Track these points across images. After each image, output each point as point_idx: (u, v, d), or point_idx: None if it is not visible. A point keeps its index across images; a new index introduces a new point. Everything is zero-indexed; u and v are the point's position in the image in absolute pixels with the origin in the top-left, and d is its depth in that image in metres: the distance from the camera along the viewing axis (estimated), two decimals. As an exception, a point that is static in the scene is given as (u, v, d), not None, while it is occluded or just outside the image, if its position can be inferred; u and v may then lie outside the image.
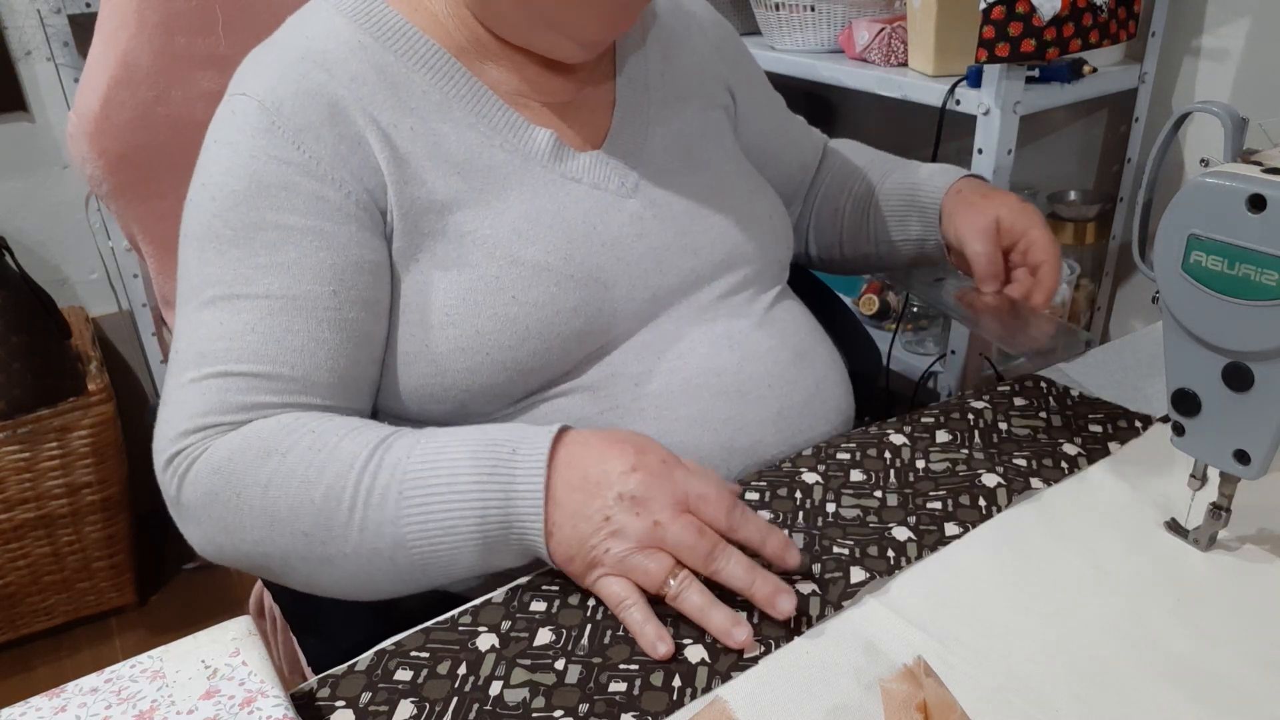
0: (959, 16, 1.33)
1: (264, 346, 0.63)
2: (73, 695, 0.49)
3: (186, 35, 0.81)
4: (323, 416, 0.63)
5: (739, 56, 0.91)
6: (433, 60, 0.70)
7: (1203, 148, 1.41)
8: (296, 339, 0.63)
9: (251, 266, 0.64)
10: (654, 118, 0.79)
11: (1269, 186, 0.49)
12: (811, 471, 0.70)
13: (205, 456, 0.61)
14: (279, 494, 0.59)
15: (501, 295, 0.67)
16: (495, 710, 0.51)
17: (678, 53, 0.83)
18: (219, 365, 0.62)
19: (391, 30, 0.70)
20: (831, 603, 0.57)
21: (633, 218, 0.74)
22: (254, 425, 0.61)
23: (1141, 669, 0.52)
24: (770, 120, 0.93)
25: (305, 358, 0.63)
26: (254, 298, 0.63)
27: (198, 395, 0.62)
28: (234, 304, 0.63)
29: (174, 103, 0.82)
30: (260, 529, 0.60)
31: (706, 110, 0.84)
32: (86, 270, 1.81)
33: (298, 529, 0.59)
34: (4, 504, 1.52)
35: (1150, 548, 0.61)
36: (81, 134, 0.81)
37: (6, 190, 1.71)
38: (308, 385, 0.64)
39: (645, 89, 0.80)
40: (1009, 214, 0.80)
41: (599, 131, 0.76)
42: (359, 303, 0.66)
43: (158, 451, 0.63)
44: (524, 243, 0.69)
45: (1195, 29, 1.43)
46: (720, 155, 0.83)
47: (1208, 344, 0.55)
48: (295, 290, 0.64)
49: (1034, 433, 0.73)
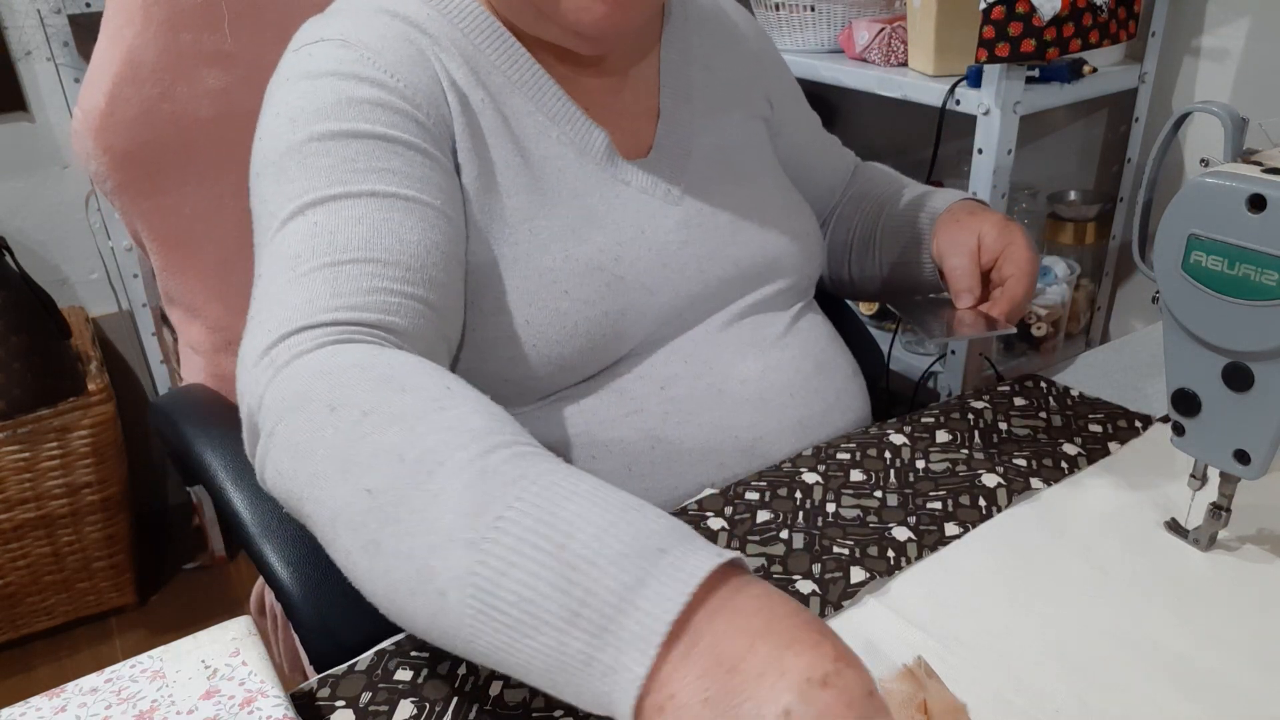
0: (959, 16, 1.33)
1: (375, 235, 0.54)
2: (73, 695, 0.49)
3: (192, 32, 0.81)
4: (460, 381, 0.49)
5: (778, 69, 0.90)
6: (497, 41, 0.69)
7: (1203, 148, 1.41)
8: (410, 233, 0.56)
9: (351, 170, 0.57)
10: (697, 129, 0.79)
11: (1269, 186, 0.49)
12: (811, 471, 0.70)
13: (318, 354, 0.49)
14: (371, 429, 0.45)
15: (555, 288, 0.66)
16: (495, 710, 0.51)
17: (719, 63, 0.83)
18: (324, 258, 0.53)
19: (460, 10, 0.69)
20: (831, 603, 0.57)
21: (679, 225, 0.74)
22: (387, 352, 0.50)
23: (1141, 669, 0.52)
24: (806, 135, 0.93)
25: (420, 253, 0.56)
26: (357, 196, 0.56)
27: (303, 289, 0.52)
28: (332, 205, 0.55)
29: (179, 99, 0.82)
30: (332, 462, 0.45)
31: (748, 121, 0.84)
32: (86, 270, 1.81)
33: (363, 484, 0.44)
34: (4, 504, 1.52)
35: (1150, 548, 0.61)
36: (86, 130, 0.81)
37: (6, 190, 1.71)
38: (428, 280, 0.56)
39: (688, 99, 0.79)
40: (991, 230, 0.77)
41: (643, 141, 0.76)
42: (457, 226, 0.61)
43: (247, 351, 0.52)
44: (578, 239, 0.68)
45: (1195, 29, 1.43)
46: (761, 168, 0.83)
47: (1208, 344, 0.55)
48: (403, 192, 0.57)
49: (1034, 433, 0.73)
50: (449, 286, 0.59)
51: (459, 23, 0.69)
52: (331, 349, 0.49)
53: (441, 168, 0.62)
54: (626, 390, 0.71)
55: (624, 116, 0.75)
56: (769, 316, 0.78)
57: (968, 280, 0.76)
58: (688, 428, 0.71)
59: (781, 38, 1.63)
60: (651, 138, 0.76)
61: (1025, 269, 0.75)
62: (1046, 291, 1.54)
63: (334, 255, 0.53)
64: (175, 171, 0.83)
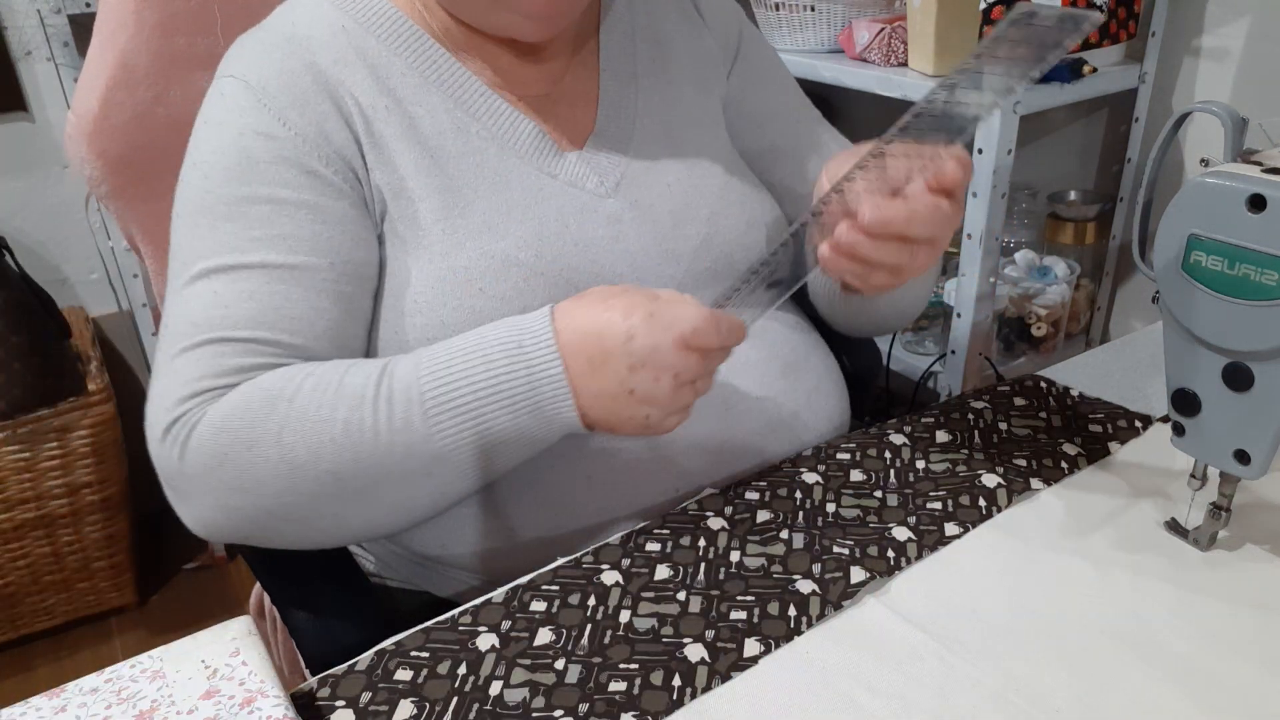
0: (959, 16, 1.33)
1: (261, 313, 0.61)
2: (73, 695, 0.49)
3: (185, 35, 0.81)
4: (311, 364, 0.61)
5: (744, 49, 0.84)
6: (413, 44, 0.70)
7: (1203, 148, 1.41)
8: (296, 308, 0.62)
9: (247, 239, 0.63)
10: (641, 109, 0.76)
11: (1269, 186, 0.49)
12: (811, 472, 0.69)
13: (205, 419, 0.59)
14: (295, 438, 0.57)
15: (469, 286, 0.66)
16: (495, 710, 0.51)
17: (669, 35, 0.80)
18: (214, 332, 0.61)
19: (374, 14, 0.70)
20: (831, 603, 0.57)
21: (609, 219, 0.71)
22: (248, 383, 0.60)
23: (1141, 669, 0.52)
24: (791, 125, 0.85)
25: (305, 326, 0.62)
26: (250, 267, 0.62)
27: (192, 363, 0.61)
28: (229, 274, 0.62)
29: (173, 103, 0.82)
30: (281, 479, 0.58)
31: (700, 97, 0.80)
32: (86, 270, 1.81)
33: (321, 470, 0.58)
34: (4, 504, 1.52)
35: (1150, 548, 0.61)
36: (80, 135, 0.80)
37: (6, 190, 1.71)
38: (307, 354, 0.62)
39: (633, 78, 0.77)
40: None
41: (582, 128, 0.74)
42: (355, 278, 0.65)
43: (152, 425, 0.61)
44: (494, 236, 0.67)
45: (1195, 29, 1.43)
46: (712, 150, 0.78)
47: (1208, 344, 0.55)
48: (293, 260, 0.63)
49: (1034, 433, 0.73)
50: (339, 347, 0.65)
51: (374, 28, 0.69)
52: (215, 406, 0.59)
53: (337, 218, 0.65)
54: None
55: (563, 104, 0.74)
56: None
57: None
58: (647, 436, 0.68)
59: (781, 38, 1.63)
60: (592, 123, 0.74)
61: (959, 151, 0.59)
62: (1047, 291, 1.54)
63: (224, 331, 0.61)
64: (170, 175, 0.83)
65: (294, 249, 0.63)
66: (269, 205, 0.64)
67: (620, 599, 0.58)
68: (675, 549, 0.62)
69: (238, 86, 0.66)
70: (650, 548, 0.62)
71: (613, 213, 0.72)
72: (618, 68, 0.77)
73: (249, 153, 0.64)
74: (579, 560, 0.62)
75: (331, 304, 0.64)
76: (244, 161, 0.64)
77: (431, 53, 0.70)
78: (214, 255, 0.63)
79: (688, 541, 0.63)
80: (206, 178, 0.65)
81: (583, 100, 0.75)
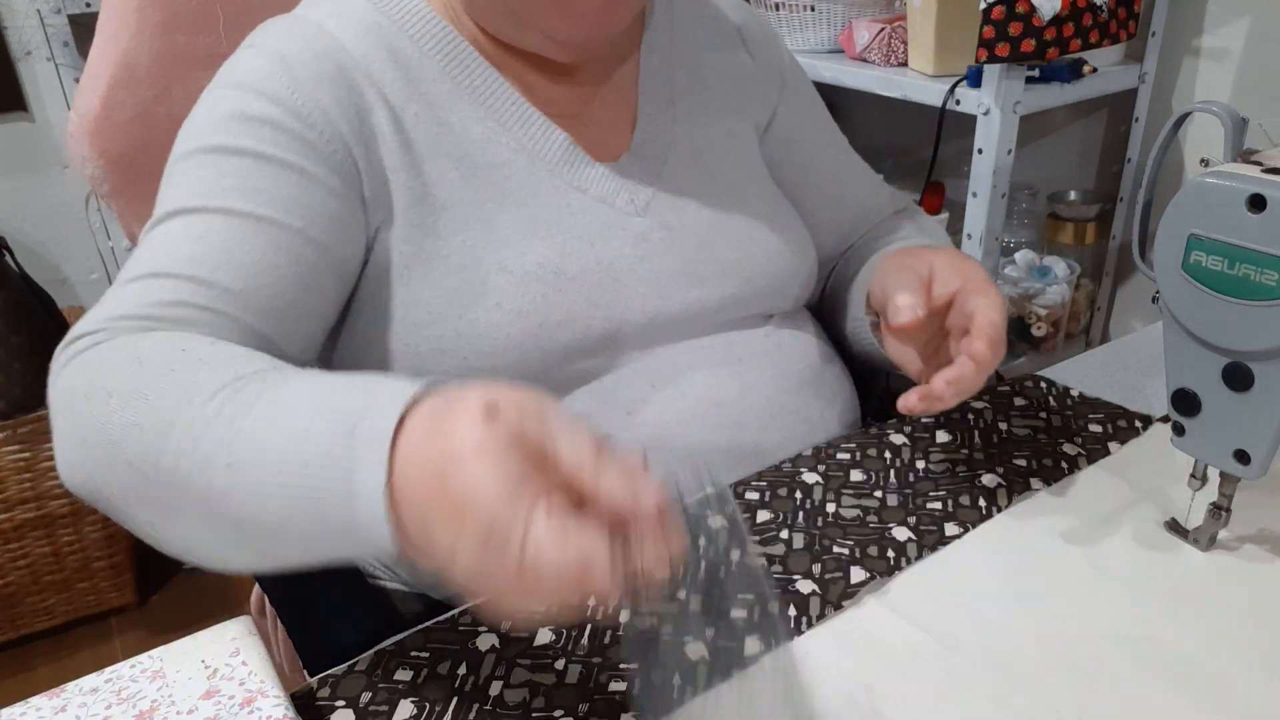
0: (959, 16, 1.33)
1: (207, 254, 0.57)
2: (73, 695, 0.49)
3: (187, 34, 0.81)
4: (212, 340, 0.52)
5: (790, 77, 0.84)
6: (447, 47, 0.68)
7: (1203, 148, 1.41)
8: (247, 255, 0.57)
9: (218, 186, 0.59)
10: (679, 134, 0.75)
11: (1269, 186, 0.49)
12: (811, 471, 0.70)
13: (93, 350, 0.52)
14: (118, 408, 0.48)
15: (485, 300, 0.64)
16: (495, 710, 0.51)
17: (709, 64, 0.78)
18: (153, 268, 0.57)
19: (409, 13, 0.68)
20: (831, 603, 0.57)
21: (636, 238, 0.70)
22: (138, 334, 0.53)
23: (1141, 669, 0.52)
24: (821, 154, 0.85)
25: (250, 275, 0.57)
26: (211, 211, 0.58)
27: (121, 295, 0.56)
28: (189, 217, 0.58)
29: (175, 102, 0.82)
30: (100, 447, 0.49)
31: (738, 126, 0.79)
32: (86, 270, 1.81)
33: (125, 458, 0.47)
34: (4, 504, 1.52)
35: (1150, 548, 0.61)
36: (82, 133, 0.81)
37: (6, 190, 1.71)
38: (242, 302, 0.57)
39: (670, 103, 0.75)
40: (946, 259, 0.64)
41: (617, 145, 0.73)
42: (321, 248, 0.61)
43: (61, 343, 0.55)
44: (514, 251, 0.66)
45: (1195, 29, 1.43)
46: (745, 176, 0.78)
47: (1208, 344, 0.55)
48: (260, 212, 0.59)
49: (1034, 433, 0.73)
50: (280, 311, 0.59)
51: (408, 28, 0.67)
52: (103, 344, 0.53)
53: (323, 189, 0.61)
54: (591, 416, 0.67)
55: (596, 123, 0.72)
56: (747, 334, 0.73)
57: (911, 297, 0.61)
58: (657, 454, 0.67)
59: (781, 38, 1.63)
60: (628, 143, 0.73)
61: (994, 297, 0.60)
62: (1047, 291, 1.54)
63: (158, 267, 0.56)
64: (173, 174, 0.83)
65: (265, 203, 0.59)
66: (251, 158, 0.60)
67: (620, 599, 0.58)
68: (675, 549, 0.62)
69: (253, 54, 0.64)
70: (650, 548, 0.62)
71: (640, 231, 0.70)
72: (656, 91, 0.75)
73: (244, 108, 0.61)
74: (579, 560, 0.62)
75: (289, 265, 0.59)
76: (236, 115, 0.61)
77: (465, 57, 0.68)
78: (181, 200, 0.59)
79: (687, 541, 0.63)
80: (196, 128, 0.62)
81: (616, 122, 0.73)
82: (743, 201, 0.76)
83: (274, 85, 0.62)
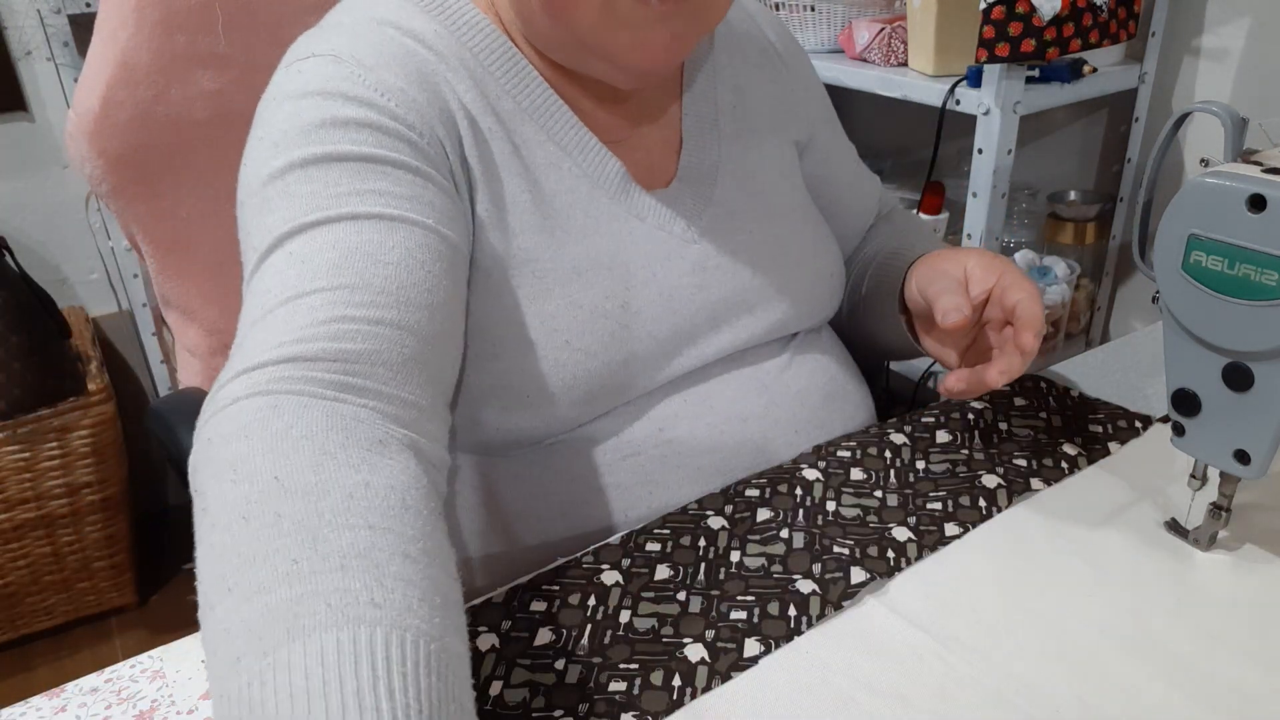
0: (959, 16, 1.33)
1: (346, 259, 0.50)
2: (73, 695, 0.49)
3: (186, 34, 0.81)
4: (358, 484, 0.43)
5: (817, 92, 0.84)
6: (509, 64, 0.64)
7: (1203, 148, 1.41)
8: (391, 254, 0.51)
9: (329, 195, 0.53)
10: (724, 156, 0.73)
11: (1269, 186, 0.49)
12: (812, 468, 0.70)
13: (233, 408, 0.45)
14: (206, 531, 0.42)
15: (555, 338, 0.62)
16: (495, 710, 0.51)
17: (751, 84, 0.77)
18: (293, 290, 0.49)
19: (467, 24, 0.64)
20: (831, 603, 0.57)
21: (694, 267, 0.69)
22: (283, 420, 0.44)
23: (1141, 669, 0.52)
24: (840, 166, 0.86)
25: (401, 273, 0.51)
26: (335, 221, 0.52)
27: (264, 330, 0.49)
28: (307, 233, 0.52)
29: (173, 102, 0.82)
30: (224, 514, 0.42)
31: (781, 146, 0.78)
32: (86, 270, 1.81)
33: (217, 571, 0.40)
34: (4, 504, 1.52)
35: (1150, 548, 0.61)
36: (81, 133, 0.81)
37: (6, 190, 1.71)
38: (403, 302, 0.51)
39: (714, 124, 0.74)
40: (979, 259, 0.67)
41: (665, 172, 0.71)
42: (454, 245, 0.56)
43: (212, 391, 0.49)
44: (583, 284, 0.63)
45: (1195, 29, 1.43)
46: (792, 200, 0.77)
47: (1208, 344, 0.55)
48: (389, 211, 0.53)
49: (1034, 433, 0.73)
50: (437, 308, 0.53)
51: (468, 40, 0.64)
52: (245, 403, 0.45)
53: (439, 188, 0.57)
54: (623, 432, 0.67)
55: (642, 148, 0.70)
56: (773, 346, 0.74)
57: (956, 298, 0.64)
58: (686, 471, 0.68)
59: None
60: (674, 168, 0.71)
61: (1032, 290, 0.64)
62: (1047, 291, 1.54)
63: (300, 287, 0.50)
64: (170, 174, 0.83)
65: (390, 204, 0.53)
66: (357, 162, 0.54)
67: (620, 599, 0.58)
68: (675, 549, 0.62)
69: (322, 61, 0.58)
70: (650, 548, 0.62)
71: (697, 260, 0.69)
72: (700, 112, 0.74)
73: (333, 113, 0.55)
74: (579, 560, 0.62)
75: (434, 260, 0.53)
76: (327, 123, 0.55)
77: (526, 76, 0.65)
78: (293, 219, 0.52)
79: (688, 541, 0.63)
80: (276, 145, 0.55)
81: (661, 146, 0.72)
82: (790, 224, 0.76)
83: (358, 89, 0.57)
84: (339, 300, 0.49)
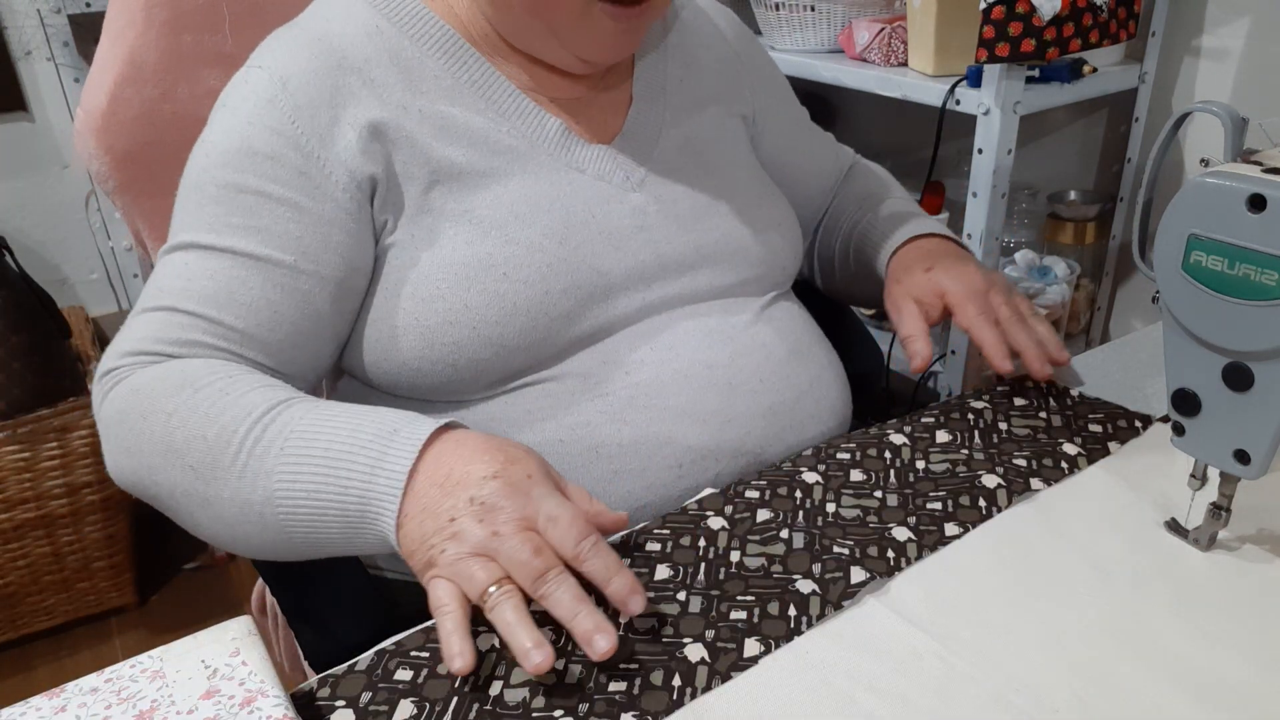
0: (959, 16, 1.33)
1: (215, 293, 0.66)
2: (73, 695, 0.49)
3: (194, 33, 0.81)
4: (247, 369, 0.65)
5: (763, 67, 0.91)
6: (447, 45, 0.73)
7: (1203, 148, 1.41)
8: (248, 294, 0.66)
9: (225, 224, 0.67)
10: (669, 121, 0.80)
11: (1269, 186, 0.49)
12: (811, 471, 0.70)
13: (130, 378, 0.64)
14: (179, 424, 0.60)
15: (493, 271, 0.69)
16: (495, 710, 0.51)
17: (698, 59, 0.84)
18: (170, 301, 0.66)
19: (410, 15, 0.72)
20: (831, 603, 0.57)
21: (634, 210, 0.75)
22: (182, 360, 0.64)
23: (1141, 669, 0.52)
24: (792, 136, 0.93)
25: (251, 313, 0.66)
26: (219, 251, 0.66)
27: (144, 324, 0.66)
28: (200, 253, 0.67)
29: (180, 100, 0.82)
30: (156, 455, 0.61)
31: (724, 117, 0.84)
32: (86, 270, 1.81)
33: (187, 462, 0.60)
34: (4, 504, 1.52)
35: (1150, 548, 0.61)
36: (88, 130, 0.81)
37: (6, 190, 1.71)
38: (246, 339, 0.66)
39: (662, 93, 0.81)
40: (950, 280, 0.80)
41: (611, 129, 0.77)
42: (315, 278, 0.68)
43: (99, 369, 0.67)
44: (521, 224, 0.70)
45: (1195, 29, 1.43)
46: (733, 161, 0.83)
47: (1208, 344, 0.55)
48: (258, 252, 0.67)
49: (1034, 433, 0.73)
50: (280, 342, 0.68)
51: (407, 29, 0.72)
52: (145, 370, 0.64)
53: (319, 220, 0.68)
54: (590, 375, 0.72)
55: (592, 109, 0.77)
56: (740, 302, 0.78)
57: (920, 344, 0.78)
58: (652, 412, 0.71)
59: (781, 38, 1.63)
60: (620, 128, 0.78)
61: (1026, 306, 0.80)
62: (1047, 291, 1.54)
63: (176, 301, 0.66)
64: (176, 172, 0.83)
65: (264, 242, 0.67)
66: (255, 196, 0.67)
67: (620, 599, 0.58)
68: (675, 549, 0.62)
69: (261, 77, 0.69)
70: (650, 547, 0.62)
71: (637, 205, 0.75)
72: (650, 80, 0.81)
73: (250, 143, 0.67)
74: (579, 560, 0.62)
75: (283, 298, 0.67)
76: (244, 150, 0.67)
77: (464, 55, 0.73)
78: (194, 231, 0.67)
79: (688, 541, 0.63)
80: (208, 156, 0.69)
81: (611, 109, 0.78)
82: (731, 184, 0.81)
83: (276, 116, 0.68)
84: (198, 326, 0.65)
